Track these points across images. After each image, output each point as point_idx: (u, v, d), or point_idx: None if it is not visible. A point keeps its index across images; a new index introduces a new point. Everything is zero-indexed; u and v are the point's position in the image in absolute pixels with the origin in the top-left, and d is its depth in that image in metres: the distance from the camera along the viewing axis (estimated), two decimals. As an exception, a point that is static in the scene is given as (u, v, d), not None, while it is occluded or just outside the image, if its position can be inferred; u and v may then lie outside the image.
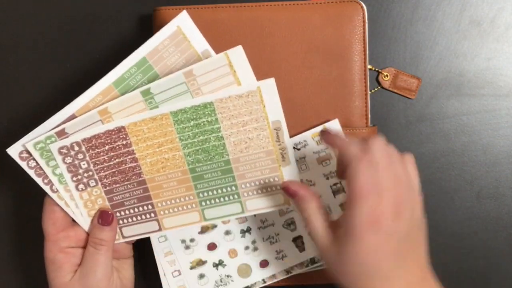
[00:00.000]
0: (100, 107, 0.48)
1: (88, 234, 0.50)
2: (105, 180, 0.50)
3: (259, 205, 0.51)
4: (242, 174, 0.50)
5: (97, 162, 0.50)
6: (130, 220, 0.51)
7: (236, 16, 0.54)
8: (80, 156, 0.49)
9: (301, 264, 0.55)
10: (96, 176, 0.50)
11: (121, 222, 0.51)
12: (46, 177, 0.48)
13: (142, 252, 0.58)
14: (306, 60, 0.55)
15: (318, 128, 0.54)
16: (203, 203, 0.51)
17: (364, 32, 0.55)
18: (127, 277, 0.52)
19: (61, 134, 0.48)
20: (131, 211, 0.51)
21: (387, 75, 0.57)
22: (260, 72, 0.55)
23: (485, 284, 0.58)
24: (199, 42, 0.49)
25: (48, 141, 0.48)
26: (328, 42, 0.54)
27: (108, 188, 0.51)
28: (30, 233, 0.58)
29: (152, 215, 0.51)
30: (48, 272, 0.48)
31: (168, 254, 0.54)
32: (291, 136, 0.53)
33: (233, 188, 0.51)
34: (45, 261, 0.48)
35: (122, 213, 0.51)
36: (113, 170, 0.50)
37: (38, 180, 0.48)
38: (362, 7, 0.55)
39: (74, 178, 0.50)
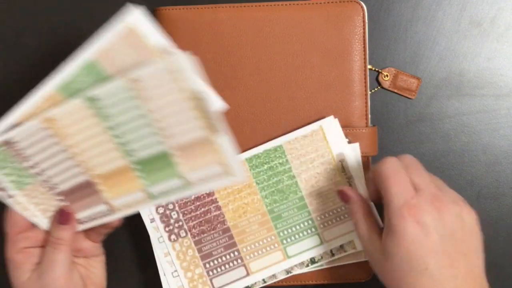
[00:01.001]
0: (45, 115, 0.46)
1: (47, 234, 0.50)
2: (193, 230, 0.54)
3: (336, 233, 0.54)
4: (316, 208, 0.54)
5: (185, 212, 0.53)
6: (219, 270, 0.55)
7: (236, 16, 0.54)
8: (171, 206, 0.53)
9: (301, 264, 0.55)
10: (185, 226, 0.54)
11: (210, 273, 0.54)
12: (0, 183, 0.48)
13: (142, 252, 0.58)
14: (306, 60, 0.55)
15: (314, 125, 0.54)
16: (284, 241, 0.55)
17: (364, 32, 0.55)
18: (97, 275, 0.52)
19: (8, 142, 0.47)
20: (219, 260, 0.55)
21: (387, 75, 0.57)
22: (260, 72, 0.55)
23: (485, 284, 0.58)
24: (157, 39, 0.45)
25: None
26: (328, 42, 0.54)
27: (196, 238, 0.54)
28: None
29: (239, 261, 0.55)
30: (9, 272, 0.49)
31: (168, 254, 0.55)
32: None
33: (310, 222, 0.54)
34: (5, 261, 0.49)
35: (211, 263, 0.55)
36: (200, 219, 0.54)
37: (5, 180, 0.48)
38: (362, 7, 0.55)
39: (167, 229, 0.54)
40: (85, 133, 0.47)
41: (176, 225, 0.54)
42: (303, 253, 0.55)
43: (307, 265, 0.55)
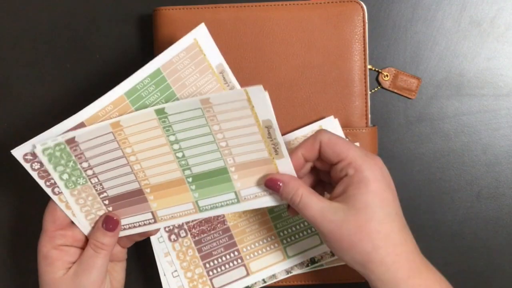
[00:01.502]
0: (113, 119, 0.48)
1: (85, 236, 0.50)
2: (193, 230, 0.54)
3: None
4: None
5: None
6: (219, 270, 0.55)
7: (236, 16, 0.54)
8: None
9: (301, 264, 0.55)
10: (185, 226, 0.54)
11: (210, 273, 0.55)
12: (49, 179, 0.49)
13: (142, 252, 0.58)
14: (306, 60, 0.55)
15: (314, 125, 0.54)
16: (284, 241, 0.55)
17: (364, 32, 0.55)
18: (118, 279, 0.53)
19: (71, 142, 0.48)
20: (219, 260, 0.55)
21: (387, 75, 0.57)
22: (260, 72, 0.55)
23: (485, 284, 0.58)
24: (214, 56, 0.49)
25: (57, 148, 0.48)
26: (328, 42, 0.54)
27: (196, 238, 0.54)
28: (30, 232, 0.59)
29: (239, 261, 0.55)
30: (40, 267, 0.49)
31: (168, 254, 0.55)
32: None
33: (307, 223, 0.54)
34: (38, 256, 0.49)
35: (211, 263, 0.55)
36: (200, 219, 0.54)
37: (41, 182, 0.48)
38: (362, 7, 0.55)
39: (166, 228, 0.54)
40: (147, 143, 0.49)
41: (176, 225, 0.54)
42: (303, 253, 0.55)
43: (307, 265, 0.55)
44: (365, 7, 0.55)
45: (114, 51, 0.58)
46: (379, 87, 0.58)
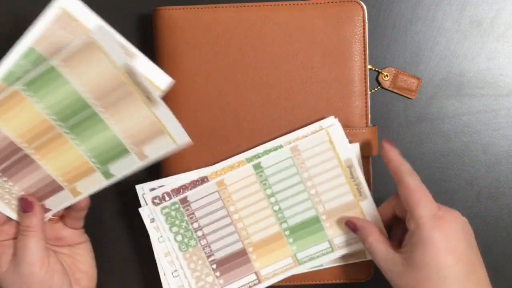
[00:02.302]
0: (218, 178, 0.52)
1: None
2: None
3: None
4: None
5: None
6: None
7: (236, 16, 0.54)
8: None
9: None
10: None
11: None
12: None
13: (142, 252, 0.58)
14: (306, 60, 0.55)
15: (314, 125, 0.54)
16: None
17: (364, 32, 0.55)
18: (84, 262, 0.53)
19: (184, 201, 0.53)
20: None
21: (387, 75, 0.57)
22: (260, 72, 0.55)
23: (485, 284, 0.58)
24: (89, 19, 0.47)
25: (173, 207, 0.52)
26: (328, 42, 0.54)
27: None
28: None
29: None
30: None
31: (168, 254, 0.54)
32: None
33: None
34: None
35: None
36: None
37: None
38: (362, 7, 0.55)
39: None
40: (247, 199, 0.52)
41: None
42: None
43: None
44: (365, 7, 0.55)
45: (114, 51, 0.58)
46: (379, 87, 0.58)
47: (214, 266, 0.54)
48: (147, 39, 0.58)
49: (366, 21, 0.55)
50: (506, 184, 0.58)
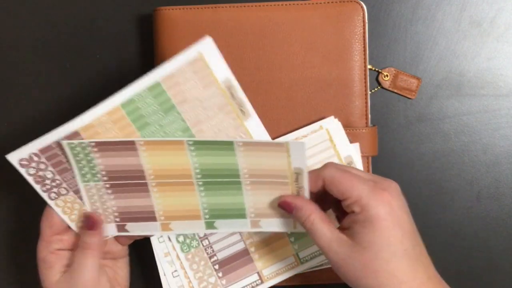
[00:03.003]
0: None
1: None
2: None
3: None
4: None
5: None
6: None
7: (236, 16, 0.54)
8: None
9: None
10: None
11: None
12: (44, 184, 0.49)
13: (142, 252, 0.58)
14: (306, 60, 0.55)
15: (314, 125, 0.54)
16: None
17: (364, 32, 0.55)
18: (122, 275, 0.53)
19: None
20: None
21: (387, 75, 0.57)
22: (260, 72, 0.55)
23: (485, 284, 0.58)
24: (221, 70, 0.47)
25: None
26: (328, 42, 0.54)
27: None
28: (27, 236, 0.59)
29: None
30: (40, 271, 0.50)
31: (168, 254, 0.54)
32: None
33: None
34: (37, 260, 0.50)
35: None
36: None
37: (37, 187, 0.48)
38: (362, 7, 0.55)
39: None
40: None
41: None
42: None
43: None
44: (365, 7, 0.55)
45: (114, 51, 0.58)
46: (379, 87, 0.58)
47: (217, 266, 0.54)
48: (147, 39, 0.58)
49: (366, 21, 0.55)
50: (506, 184, 0.58)
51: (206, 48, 0.46)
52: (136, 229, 0.51)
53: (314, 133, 0.53)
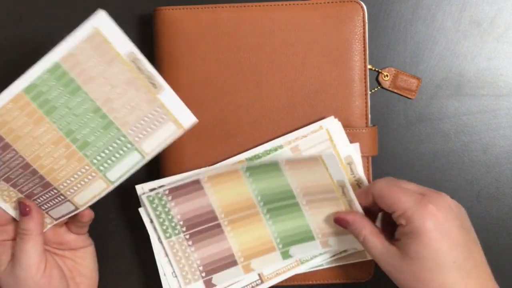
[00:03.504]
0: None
1: None
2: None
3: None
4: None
5: None
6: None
7: (236, 16, 0.54)
8: None
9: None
10: None
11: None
12: None
13: (142, 252, 0.58)
14: (306, 60, 0.55)
15: (314, 125, 0.54)
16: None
17: (364, 32, 0.55)
18: (86, 266, 0.53)
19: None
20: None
21: (387, 75, 0.57)
22: (260, 72, 0.55)
23: (485, 284, 0.58)
24: (123, 44, 0.44)
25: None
26: (328, 42, 0.54)
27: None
28: None
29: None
30: None
31: (164, 254, 0.54)
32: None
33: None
34: None
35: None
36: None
37: None
38: (362, 7, 0.55)
39: None
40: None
41: None
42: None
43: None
44: (365, 7, 0.55)
45: (114, 51, 0.58)
46: (379, 87, 0.58)
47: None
48: (147, 39, 0.58)
49: (366, 21, 0.55)
50: (506, 184, 0.58)
51: (102, 23, 0.44)
52: (223, 281, 0.54)
53: (314, 133, 0.53)
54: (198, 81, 0.54)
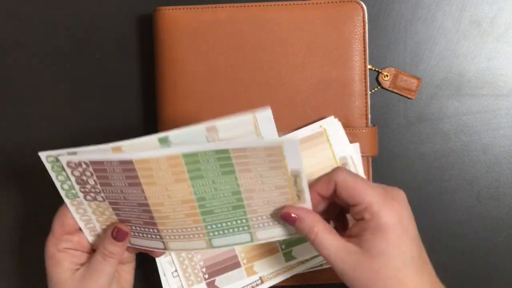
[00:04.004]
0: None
1: (89, 242, 0.51)
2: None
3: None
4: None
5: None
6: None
7: (236, 16, 0.54)
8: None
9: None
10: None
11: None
12: (84, 187, 0.48)
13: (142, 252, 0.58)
14: (306, 60, 0.55)
15: (314, 125, 0.54)
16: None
17: (364, 32, 0.55)
18: (128, 279, 0.53)
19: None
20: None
21: (387, 75, 0.57)
22: (260, 72, 0.55)
23: (485, 284, 0.58)
24: (295, 162, 0.44)
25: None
26: (328, 42, 0.54)
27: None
28: (35, 232, 0.59)
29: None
30: (47, 266, 0.50)
31: (168, 254, 0.54)
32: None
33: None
34: (45, 256, 0.50)
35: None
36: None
37: (77, 187, 0.48)
38: (362, 7, 0.55)
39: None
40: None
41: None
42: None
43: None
44: (365, 7, 0.55)
45: (114, 51, 0.58)
46: (379, 87, 0.58)
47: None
48: (147, 39, 0.58)
49: (366, 21, 0.55)
50: (506, 184, 0.58)
51: (288, 144, 0.43)
52: (225, 283, 0.53)
53: (314, 133, 0.53)
54: (198, 81, 0.54)
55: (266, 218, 0.47)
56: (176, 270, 0.55)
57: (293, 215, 0.45)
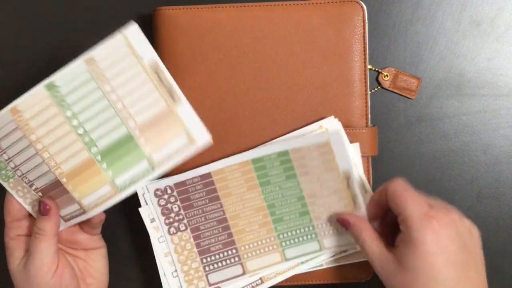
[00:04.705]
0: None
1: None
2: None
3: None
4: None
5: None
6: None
7: (236, 16, 0.54)
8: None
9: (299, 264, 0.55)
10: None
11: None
12: (169, 217, 0.53)
13: (142, 252, 0.58)
14: (306, 60, 0.55)
15: (314, 125, 0.54)
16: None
17: (364, 32, 0.55)
18: (96, 268, 0.53)
19: None
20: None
21: (387, 75, 0.57)
22: (260, 72, 0.55)
23: (485, 284, 0.58)
24: (344, 162, 0.52)
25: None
26: (328, 42, 0.55)
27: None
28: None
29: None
30: (6, 256, 0.51)
31: (168, 254, 0.54)
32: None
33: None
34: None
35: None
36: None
37: (161, 219, 0.52)
38: (362, 7, 0.55)
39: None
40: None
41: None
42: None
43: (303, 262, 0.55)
44: (365, 7, 0.55)
45: (114, 51, 0.58)
46: (379, 87, 0.58)
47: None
48: (147, 39, 0.58)
49: (366, 21, 0.55)
50: (506, 184, 0.58)
51: (334, 138, 0.52)
52: (225, 283, 0.54)
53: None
54: (198, 81, 0.54)
55: (330, 225, 0.53)
56: (176, 270, 0.55)
57: (345, 220, 0.51)
